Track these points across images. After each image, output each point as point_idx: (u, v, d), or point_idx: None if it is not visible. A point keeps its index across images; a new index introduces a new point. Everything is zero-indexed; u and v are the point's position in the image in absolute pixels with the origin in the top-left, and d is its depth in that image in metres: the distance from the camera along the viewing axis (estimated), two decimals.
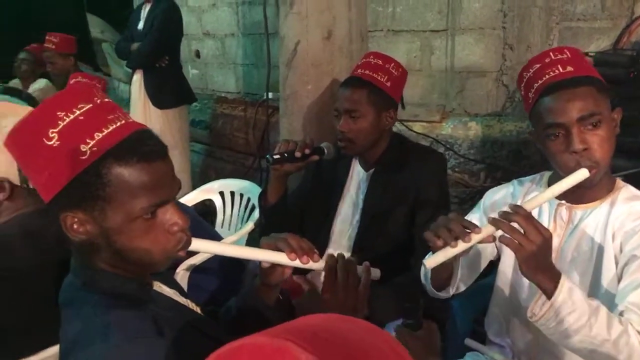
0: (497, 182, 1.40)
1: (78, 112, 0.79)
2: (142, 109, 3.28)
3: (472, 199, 1.48)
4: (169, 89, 3.28)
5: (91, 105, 0.80)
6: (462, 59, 2.80)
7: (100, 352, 0.78)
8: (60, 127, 0.77)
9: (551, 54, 1.17)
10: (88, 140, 0.78)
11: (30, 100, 3.38)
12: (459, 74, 2.83)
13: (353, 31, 2.16)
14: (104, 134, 0.79)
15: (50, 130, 0.77)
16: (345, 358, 0.39)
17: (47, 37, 3.62)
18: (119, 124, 0.81)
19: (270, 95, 3.33)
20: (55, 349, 1.15)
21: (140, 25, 3.25)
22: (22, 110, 1.30)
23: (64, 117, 0.78)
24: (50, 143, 0.77)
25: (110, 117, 0.81)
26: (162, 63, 3.23)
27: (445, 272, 1.23)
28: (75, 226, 0.81)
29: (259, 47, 3.71)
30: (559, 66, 1.14)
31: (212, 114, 4.19)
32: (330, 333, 0.42)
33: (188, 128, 3.53)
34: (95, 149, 0.78)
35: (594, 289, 1.16)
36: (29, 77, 3.91)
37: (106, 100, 0.84)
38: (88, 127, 0.78)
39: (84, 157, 0.77)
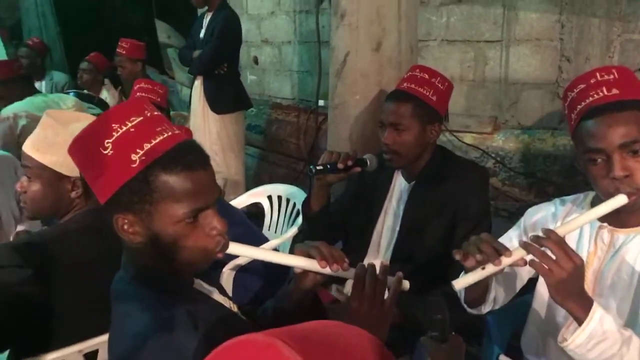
0: (549, 197, 1.39)
1: (130, 125, 0.87)
2: (201, 114, 3.43)
3: (521, 214, 1.46)
4: (226, 95, 3.40)
5: (142, 118, 0.89)
6: (517, 71, 2.75)
7: (148, 346, 0.86)
8: (114, 137, 0.86)
9: (597, 74, 1.14)
10: (138, 150, 0.86)
11: (102, 105, 3.61)
12: (513, 85, 2.78)
13: (402, 43, 2.18)
14: (152, 144, 0.87)
15: (106, 141, 0.86)
16: (329, 357, 0.44)
17: (119, 43, 3.83)
18: (166, 135, 0.89)
19: (322, 102, 3.39)
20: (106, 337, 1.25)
21: (202, 34, 3.39)
22: (86, 117, 1.43)
23: (118, 129, 0.86)
24: (105, 152, 0.86)
25: (158, 129, 0.89)
26: (221, 70, 3.34)
27: (479, 290, 1.24)
28: (125, 227, 0.90)
29: (313, 55, 3.79)
30: (603, 88, 1.11)
31: (267, 119, 4.30)
32: (320, 335, 0.46)
33: (244, 133, 3.65)
34: (144, 158, 0.86)
35: (632, 316, 1.13)
36: (93, 86, 4.09)
37: (155, 113, 0.92)
38: (138, 138, 0.87)
39: (134, 166, 0.86)
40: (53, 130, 1.35)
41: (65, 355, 1.24)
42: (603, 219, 1.16)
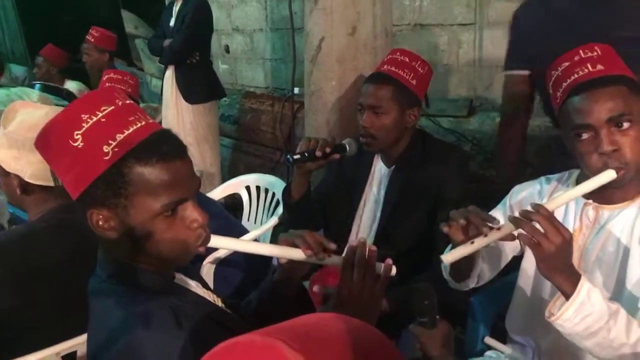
0: (526, 178, 1.40)
1: (100, 115, 0.82)
2: (174, 105, 3.36)
3: (499, 197, 1.46)
4: (199, 85, 3.34)
5: (113, 107, 0.84)
6: (491, 53, 2.75)
7: (122, 342, 0.82)
8: (84, 129, 0.81)
9: (581, 51, 1.13)
10: (110, 141, 0.81)
11: (71, 97, 3.49)
12: (487, 68, 2.79)
13: (377, 27, 2.15)
14: (124, 135, 0.82)
15: (75, 132, 0.81)
16: (335, 356, 0.41)
17: (90, 31, 3.70)
18: (139, 125, 0.84)
19: (297, 90, 3.35)
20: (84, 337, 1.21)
21: (172, 22, 3.32)
22: (33, 106, 1.37)
23: (88, 120, 0.81)
24: (75, 144, 0.81)
25: (131, 118, 0.84)
26: (193, 59, 3.29)
27: (465, 264, 1.23)
28: (100, 222, 0.85)
29: (286, 43, 3.74)
30: (588, 65, 1.11)
31: (241, 109, 4.24)
32: (320, 332, 0.44)
33: (217, 123, 3.59)
34: (116, 149, 0.81)
35: (617, 291, 1.14)
36: (50, 80, 3.91)
37: (127, 102, 0.87)
38: (110, 129, 0.82)
39: (106, 158, 0.81)
40: None
41: (42, 358, 1.19)
42: (588, 195, 1.17)
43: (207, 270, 1.79)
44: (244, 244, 1.06)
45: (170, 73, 3.36)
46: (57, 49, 4.00)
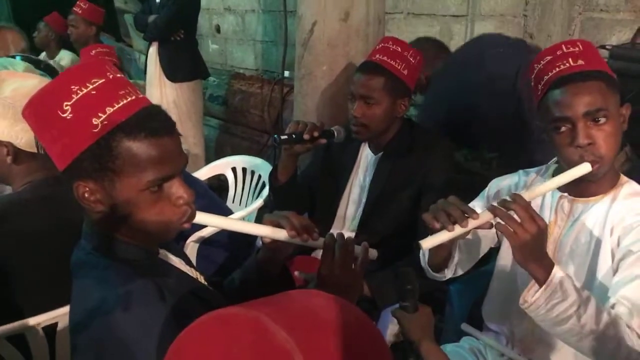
0: (512, 170, 1.43)
1: (91, 87, 0.82)
2: (157, 81, 3.33)
3: (482, 188, 1.49)
4: (182, 63, 3.31)
5: (104, 80, 0.83)
6: None
7: (102, 321, 0.83)
8: (74, 100, 0.81)
9: (563, 46, 1.16)
10: (99, 114, 0.81)
11: (49, 70, 3.44)
12: None
13: (370, 13, 2.15)
14: (114, 108, 0.82)
15: (65, 103, 0.81)
16: (313, 330, 0.43)
17: (77, 2, 3.63)
18: (129, 99, 0.84)
19: (287, 73, 3.34)
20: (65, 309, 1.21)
21: None
22: (22, 76, 1.35)
23: (78, 91, 0.81)
24: (64, 115, 0.81)
25: (121, 92, 0.84)
26: (178, 36, 3.25)
27: (442, 254, 1.26)
28: (86, 195, 0.85)
29: (278, 25, 3.71)
30: (570, 59, 1.14)
31: (230, 90, 4.21)
32: (302, 307, 0.45)
33: (202, 103, 3.56)
34: (106, 122, 0.81)
35: (589, 282, 1.18)
36: (47, 47, 3.93)
37: (118, 75, 0.87)
38: (100, 102, 0.82)
39: (95, 130, 0.81)
40: None
41: (22, 328, 1.19)
42: (563, 189, 1.20)
43: (191, 248, 1.79)
44: (229, 222, 1.07)
45: (154, 50, 3.32)
46: (61, 18, 3.93)
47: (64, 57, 3.85)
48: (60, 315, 1.23)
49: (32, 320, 1.21)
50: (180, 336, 0.46)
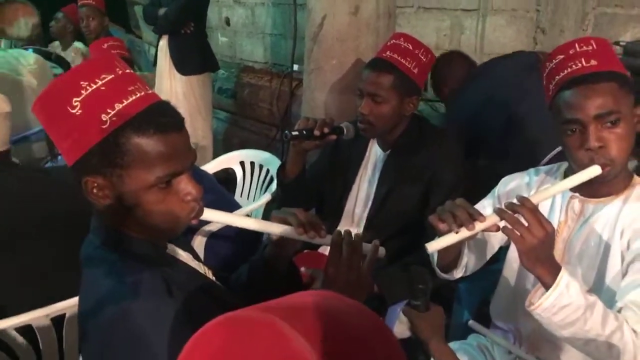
0: (526, 168, 1.43)
1: (100, 83, 0.82)
2: (167, 75, 3.33)
3: (489, 185, 1.48)
4: (193, 56, 3.30)
5: (113, 76, 0.83)
6: (492, 41, 2.74)
7: (112, 311, 0.83)
8: (83, 96, 0.81)
9: (576, 45, 1.14)
10: (109, 110, 0.81)
11: (60, 61, 3.45)
12: (487, 55, 2.77)
13: (381, 7, 2.13)
14: (123, 104, 0.82)
15: (74, 99, 0.81)
16: (330, 334, 0.42)
17: None
18: (138, 95, 0.84)
19: (296, 67, 3.32)
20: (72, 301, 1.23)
21: None
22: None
23: (87, 87, 0.81)
24: (73, 111, 0.81)
25: (130, 88, 0.84)
26: (188, 29, 3.24)
27: (451, 255, 1.25)
28: (94, 190, 0.86)
29: (287, 18, 3.69)
30: (582, 59, 1.11)
31: (239, 83, 4.20)
32: (319, 311, 0.44)
33: (211, 95, 3.55)
34: (114, 119, 0.81)
35: (597, 284, 1.17)
36: (63, 38, 3.94)
37: (127, 71, 0.87)
38: (109, 98, 0.82)
39: (104, 127, 0.81)
40: None
41: (31, 320, 1.20)
42: (574, 189, 1.18)
43: (199, 242, 1.80)
44: (237, 219, 1.07)
45: (164, 43, 3.31)
46: (74, 8, 3.93)
47: (82, 48, 3.85)
48: (68, 306, 1.24)
49: (41, 312, 1.22)
50: (192, 339, 0.46)
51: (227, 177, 2.58)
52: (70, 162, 0.85)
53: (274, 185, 2.06)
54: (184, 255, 1.05)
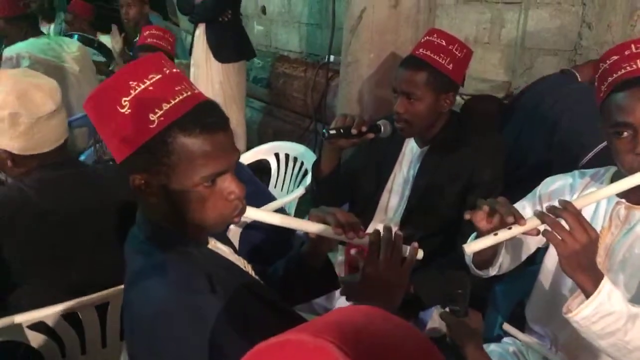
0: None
1: (148, 83, 0.84)
2: (204, 63, 3.35)
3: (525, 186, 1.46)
4: (230, 43, 3.32)
5: (160, 76, 0.85)
6: (534, 35, 2.67)
7: (156, 307, 0.86)
8: (132, 96, 0.83)
9: (632, 46, 1.10)
10: (156, 110, 0.83)
11: (102, 49, 3.51)
12: (529, 50, 2.71)
13: (421, 1, 2.10)
14: (170, 104, 0.84)
15: (123, 99, 0.83)
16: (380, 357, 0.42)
17: None
18: (185, 95, 0.86)
19: (332, 58, 3.31)
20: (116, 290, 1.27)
21: None
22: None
23: (136, 87, 0.83)
24: (122, 111, 0.83)
25: (177, 88, 0.86)
26: (225, 17, 3.26)
27: (488, 253, 1.24)
28: (141, 187, 0.88)
29: (324, 8, 3.67)
30: (637, 61, 1.08)
31: (274, 73, 4.21)
32: (371, 336, 0.44)
33: (245, 84, 3.57)
34: (162, 118, 0.83)
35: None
36: (86, 32, 3.99)
37: (174, 70, 0.89)
38: (157, 98, 0.84)
39: (152, 126, 0.83)
40: None
41: (76, 308, 1.25)
42: (621, 194, 1.15)
43: (234, 232, 1.82)
44: (277, 217, 1.08)
45: (200, 31, 3.34)
46: (81, 2, 3.99)
47: (106, 42, 3.90)
48: (111, 295, 1.28)
49: (87, 299, 1.26)
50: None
51: (260, 167, 2.61)
52: (119, 159, 0.88)
53: (308, 179, 2.06)
54: (224, 250, 1.07)
